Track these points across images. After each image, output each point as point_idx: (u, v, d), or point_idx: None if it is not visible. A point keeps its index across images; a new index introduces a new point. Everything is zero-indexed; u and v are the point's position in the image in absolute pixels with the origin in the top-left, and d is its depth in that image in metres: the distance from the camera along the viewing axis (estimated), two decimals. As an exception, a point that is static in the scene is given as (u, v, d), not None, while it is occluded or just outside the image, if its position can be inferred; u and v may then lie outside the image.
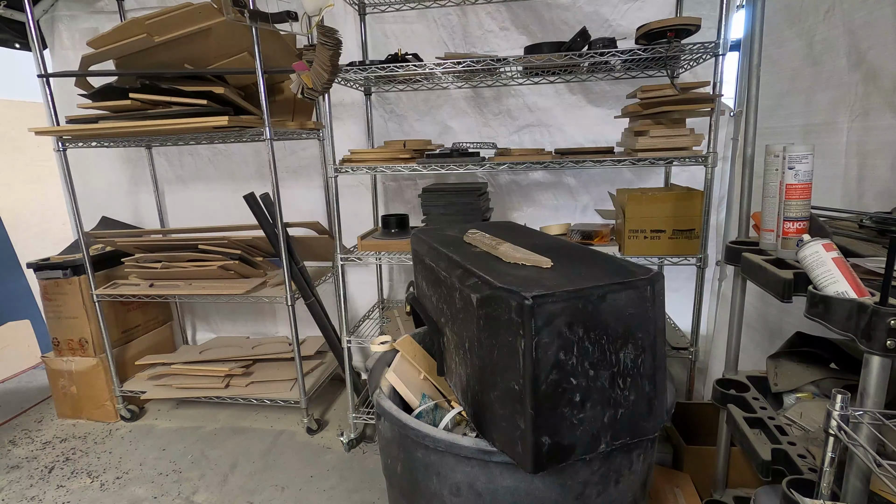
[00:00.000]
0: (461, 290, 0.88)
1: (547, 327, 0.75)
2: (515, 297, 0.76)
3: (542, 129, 2.30)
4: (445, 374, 1.06)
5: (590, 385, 0.79)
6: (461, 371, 0.95)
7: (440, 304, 1.03)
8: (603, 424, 0.81)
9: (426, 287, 1.15)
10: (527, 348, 0.75)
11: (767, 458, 0.95)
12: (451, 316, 0.96)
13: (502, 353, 0.79)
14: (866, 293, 0.78)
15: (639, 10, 2.04)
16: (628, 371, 0.82)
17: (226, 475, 1.93)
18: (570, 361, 0.77)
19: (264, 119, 1.77)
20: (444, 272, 0.98)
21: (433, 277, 1.06)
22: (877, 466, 0.67)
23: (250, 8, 1.52)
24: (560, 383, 0.77)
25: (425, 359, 1.20)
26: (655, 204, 1.73)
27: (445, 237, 1.20)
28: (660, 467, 1.58)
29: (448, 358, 1.03)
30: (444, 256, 1.03)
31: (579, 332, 0.77)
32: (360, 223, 2.46)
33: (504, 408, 0.81)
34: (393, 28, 2.29)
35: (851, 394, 0.72)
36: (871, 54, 1.32)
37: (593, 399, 0.80)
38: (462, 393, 0.96)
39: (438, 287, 1.03)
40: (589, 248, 1.16)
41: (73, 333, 2.28)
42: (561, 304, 0.75)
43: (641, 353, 0.82)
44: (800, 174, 1.01)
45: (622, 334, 0.80)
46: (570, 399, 0.78)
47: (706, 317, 2.09)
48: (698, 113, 1.70)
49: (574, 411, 0.79)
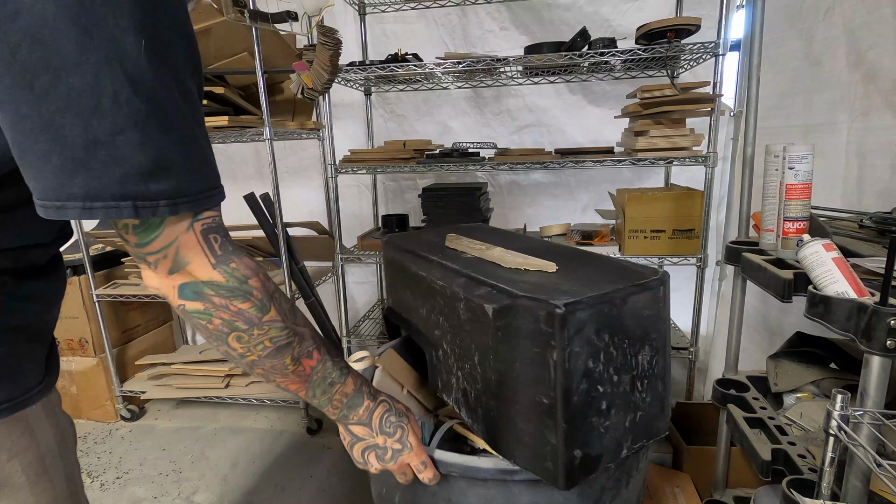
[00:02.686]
0: (468, 300, 0.84)
1: (578, 335, 0.72)
2: (544, 305, 0.72)
3: (542, 129, 2.30)
4: (441, 390, 1.01)
5: (614, 391, 0.77)
6: (466, 386, 0.91)
7: (433, 316, 0.98)
8: (625, 429, 0.80)
9: (410, 298, 1.08)
10: (559, 359, 0.71)
11: (767, 458, 0.95)
12: (451, 328, 0.91)
13: (526, 365, 0.76)
14: (866, 293, 0.78)
15: (639, 10, 2.04)
16: (645, 373, 0.81)
17: (226, 475, 1.93)
18: (597, 369, 0.74)
19: (264, 119, 1.77)
20: (441, 282, 0.92)
21: (422, 287, 1.00)
22: (877, 466, 0.67)
23: (250, 8, 1.52)
24: (590, 392, 0.74)
25: (408, 372, 1.14)
26: (655, 204, 1.74)
27: (425, 243, 1.13)
28: (660, 467, 1.58)
29: (445, 372, 0.98)
30: (437, 265, 0.97)
31: (605, 337, 0.75)
32: (360, 223, 2.46)
33: (529, 423, 0.77)
34: (393, 28, 2.29)
35: (851, 394, 0.72)
36: (871, 54, 1.32)
37: (617, 405, 0.78)
38: (468, 410, 0.92)
39: (431, 298, 0.97)
40: (579, 249, 1.13)
41: (72, 333, 2.28)
42: (590, 310, 0.72)
43: (656, 354, 0.81)
44: (800, 174, 1.01)
45: (640, 336, 0.79)
46: (598, 408, 0.76)
47: (706, 317, 2.09)
48: (698, 113, 1.70)
49: (602, 419, 0.76)
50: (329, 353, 0.68)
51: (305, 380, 0.66)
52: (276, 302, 0.59)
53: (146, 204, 0.47)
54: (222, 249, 0.55)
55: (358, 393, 0.74)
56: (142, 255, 0.52)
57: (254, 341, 0.57)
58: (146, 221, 0.49)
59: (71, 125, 0.42)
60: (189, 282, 0.53)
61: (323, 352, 0.67)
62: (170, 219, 0.50)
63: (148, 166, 0.46)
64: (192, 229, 0.52)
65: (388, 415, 0.77)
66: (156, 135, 0.46)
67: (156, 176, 0.47)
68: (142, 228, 0.50)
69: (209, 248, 0.54)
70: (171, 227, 0.51)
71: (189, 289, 0.54)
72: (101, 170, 0.44)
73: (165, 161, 0.47)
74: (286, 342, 0.60)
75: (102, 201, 0.45)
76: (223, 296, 0.54)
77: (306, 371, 0.65)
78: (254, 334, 0.57)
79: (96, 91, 0.42)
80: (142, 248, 0.52)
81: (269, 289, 0.58)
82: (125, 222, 0.50)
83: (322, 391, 0.69)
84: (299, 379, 0.65)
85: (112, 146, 0.44)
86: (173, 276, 0.53)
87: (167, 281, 0.54)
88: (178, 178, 0.49)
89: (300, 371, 0.64)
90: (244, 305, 0.56)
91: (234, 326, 0.56)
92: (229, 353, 0.58)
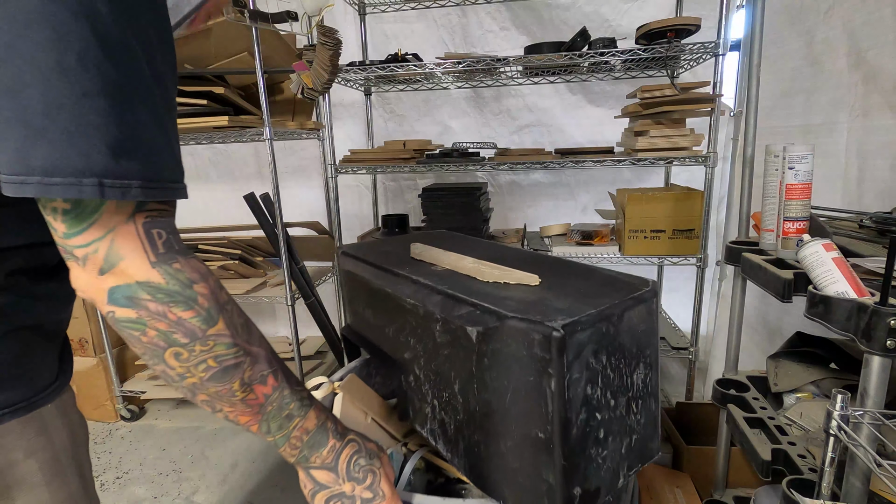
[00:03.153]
0: (446, 321, 0.75)
1: (577, 360, 0.64)
2: (538, 328, 0.63)
3: (542, 129, 2.31)
4: (414, 420, 0.90)
5: (611, 416, 0.70)
6: (444, 417, 0.81)
7: (402, 338, 0.88)
8: (621, 456, 0.73)
9: (372, 317, 0.98)
10: (556, 389, 0.63)
11: (767, 458, 0.95)
12: (425, 352, 0.82)
13: (518, 395, 0.67)
14: (866, 293, 0.78)
15: (639, 10, 2.04)
16: (640, 393, 0.74)
17: (226, 475, 1.93)
18: (595, 395, 0.67)
19: (264, 119, 1.77)
20: (412, 299, 0.82)
21: (389, 306, 0.90)
22: (877, 466, 0.67)
23: (250, 8, 1.52)
24: (588, 422, 0.67)
25: (372, 398, 1.03)
26: (655, 204, 1.74)
27: (388, 255, 1.02)
28: (660, 467, 1.58)
29: (417, 400, 0.88)
30: (405, 280, 0.87)
31: (603, 359, 0.67)
32: (361, 223, 2.46)
33: (521, 460, 0.69)
34: (393, 28, 2.29)
35: (851, 394, 0.72)
36: (871, 54, 1.32)
37: (614, 431, 0.71)
38: (447, 443, 0.82)
39: (399, 317, 0.87)
40: (555, 257, 1.05)
41: (72, 333, 2.28)
42: (588, 330, 0.65)
43: (649, 371, 0.75)
44: (800, 174, 1.01)
45: (636, 354, 0.73)
46: (596, 437, 0.69)
47: (706, 317, 2.09)
48: (698, 113, 1.70)
49: (600, 450, 0.69)
50: (288, 379, 0.57)
51: (258, 411, 0.54)
52: (227, 314, 0.50)
53: (115, 183, 0.41)
54: (166, 247, 0.47)
55: (321, 430, 0.61)
56: (69, 248, 0.44)
57: (195, 359, 0.48)
58: (79, 206, 0.42)
59: (31, 86, 0.38)
60: (121, 284, 0.45)
61: (280, 378, 0.56)
62: (108, 206, 0.43)
63: (119, 139, 0.40)
64: (132, 221, 0.45)
65: (357, 457, 0.64)
66: (128, 105, 0.41)
67: (128, 151, 0.41)
68: (73, 214, 0.43)
69: (150, 244, 0.46)
70: (108, 216, 0.43)
71: (121, 292, 0.45)
72: (62, 139, 0.38)
73: (137, 137, 0.42)
74: (234, 362, 0.50)
75: (62, 176, 0.39)
76: (161, 301, 0.45)
77: (259, 400, 0.54)
78: (195, 350, 0.47)
79: (60, 46, 0.37)
80: (69, 238, 0.44)
81: (219, 298, 0.49)
82: (54, 205, 0.42)
83: (278, 426, 0.57)
84: (250, 409, 0.54)
85: (76, 112, 0.38)
86: (104, 277, 0.44)
87: (96, 282, 0.45)
88: (150, 159, 0.43)
89: (251, 400, 0.53)
90: (186, 314, 0.46)
91: (172, 340, 0.46)
92: (167, 373, 0.48)
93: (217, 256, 2.22)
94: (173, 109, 0.48)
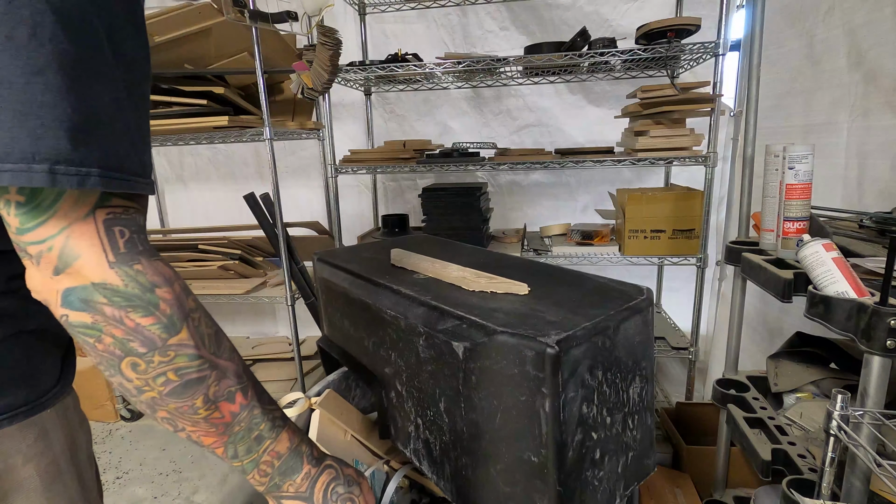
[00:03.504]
0: (430, 335, 0.70)
1: (572, 378, 0.60)
2: (531, 344, 0.58)
3: (542, 129, 2.31)
4: (396, 438, 0.85)
5: (608, 435, 0.66)
6: (429, 437, 0.76)
7: (382, 351, 0.83)
8: (618, 476, 0.69)
9: (350, 328, 0.92)
10: (551, 409, 0.59)
11: (767, 458, 0.95)
12: (408, 368, 0.77)
13: (509, 416, 0.63)
14: (866, 293, 0.78)
15: (639, 10, 2.04)
16: (636, 408, 0.71)
17: (226, 475, 1.93)
18: (591, 414, 0.63)
19: (264, 119, 1.77)
20: (392, 311, 0.77)
21: (367, 317, 0.85)
22: (877, 466, 0.67)
23: (250, 8, 1.52)
24: (584, 443, 0.63)
25: (351, 414, 0.98)
26: (655, 204, 1.74)
27: (367, 262, 0.97)
28: (660, 467, 1.58)
29: (400, 419, 0.83)
30: (385, 290, 0.82)
31: (599, 375, 0.64)
32: (360, 223, 2.46)
33: (513, 485, 0.65)
34: (393, 28, 2.29)
35: (851, 394, 0.72)
36: (871, 54, 1.32)
37: (611, 451, 0.65)
38: (432, 464, 0.78)
39: (379, 329, 0.82)
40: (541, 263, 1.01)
41: (73, 333, 2.28)
42: (584, 345, 0.61)
43: (645, 384, 0.72)
44: (800, 174, 1.01)
45: (632, 367, 0.69)
46: (592, 458, 0.65)
47: (706, 317, 2.09)
48: (698, 113, 1.70)
49: (596, 471, 0.65)
50: (259, 397, 0.52)
51: (223, 431, 0.49)
52: (193, 322, 0.45)
53: (70, 170, 0.37)
54: (128, 247, 0.42)
55: (295, 454, 0.55)
56: (23, 244, 0.40)
57: (153, 371, 0.43)
58: (35, 198, 0.39)
59: None
60: (76, 286, 0.41)
61: (251, 395, 0.51)
62: (66, 199, 0.39)
63: (75, 121, 0.37)
64: (92, 217, 0.41)
65: (334, 484, 0.59)
66: (86, 85, 0.37)
67: (86, 135, 0.37)
68: (28, 208, 0.39)
69: (110, 242, 0.41)
70: (66, 211, 0.40)
71: (75, 294, 0.41)
72: (11, 120, 0.35)
73: (96, 120, 0.38)
74: (197, 376, 0.45)
75: (12, 162, 0.35)
76: (118, 305, 0.41)
77: (225, 419, 0.49)
78: (154, 361, 0.43)
79: (9, 18, 0.34)
80: (23, 235, 0.40)
81: (184, 305, 0.45)
82: (8, 198, 0.39)
83: (246, 449, 0.51)
84: (214, 429, 0.48)
85: (28, 90, 0.35)
86: (59, 278, 0.40)
87: (50, 283, 0.41)
88: (111, 147, 0.40)
89: (216, 419, 0.48)
90: (145, 321, 0.42)
91: (129, 349, 0.42)
92: (124, 385, 0.44)
93: (217, 256, 2.22)
94: (143, 100, 0.44)
